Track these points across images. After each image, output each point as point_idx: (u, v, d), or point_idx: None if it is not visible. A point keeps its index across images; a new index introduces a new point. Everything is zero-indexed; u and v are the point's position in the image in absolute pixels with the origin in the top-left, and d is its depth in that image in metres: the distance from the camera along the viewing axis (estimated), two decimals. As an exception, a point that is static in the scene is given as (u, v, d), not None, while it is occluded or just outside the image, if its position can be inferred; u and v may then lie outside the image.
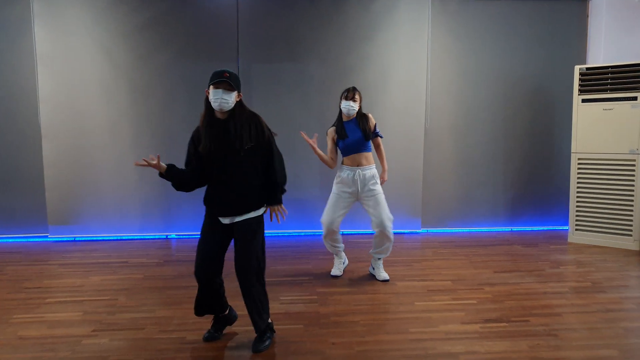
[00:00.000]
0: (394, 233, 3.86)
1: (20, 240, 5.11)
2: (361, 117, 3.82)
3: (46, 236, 5.12)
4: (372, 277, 3.96)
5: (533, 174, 5.59)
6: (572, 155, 5.05)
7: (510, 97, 5.48)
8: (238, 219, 2.65)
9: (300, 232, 5.41)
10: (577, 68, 4.94)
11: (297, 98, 5.23)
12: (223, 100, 2.51)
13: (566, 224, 5.58)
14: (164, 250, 4.80)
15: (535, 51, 5.43)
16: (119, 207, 5.17)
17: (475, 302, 3.43)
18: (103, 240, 5.15)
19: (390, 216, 3.83)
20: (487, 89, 5.44)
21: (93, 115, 5.04)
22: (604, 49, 5.23)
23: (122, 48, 5.01)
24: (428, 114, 5.38)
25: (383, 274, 3.90)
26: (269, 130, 2.69)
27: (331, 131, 3.89)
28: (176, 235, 5.30)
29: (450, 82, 5.41)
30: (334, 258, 4.14)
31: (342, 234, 4.12)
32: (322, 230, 3.91)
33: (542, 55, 5.43)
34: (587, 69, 4.89)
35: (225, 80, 2.51)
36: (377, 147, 3.95)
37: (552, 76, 5.47)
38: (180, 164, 2.75)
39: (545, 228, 5.68)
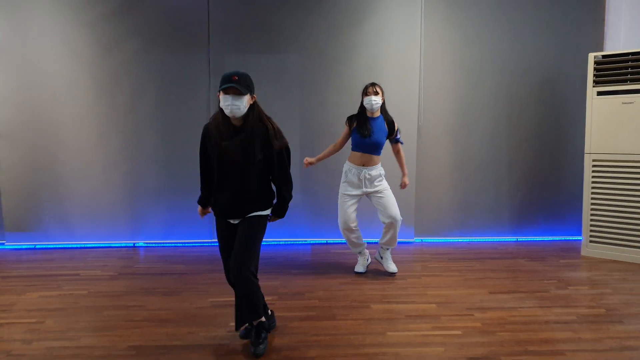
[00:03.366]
0: None
1: (-25, 247, 4.74)
2: (387, 118, 3.79)
3: (2, 243, 4.73)
4: (344, 298, 3.43)
5: (541, 177, 4.97)
6: (586, 156, 4.43)
7: (515, 91, 4.87)
8: (253, 214, 2.62)
9: (279, 241, 4.91)
10: (591, 56, 4.32)
11: (276, 92, 4.73)
12: (234, 106, 2.41)
13: (579, 234, 4.95)
14: (125, 260, 4.36)
15: (544, 38, 4.81)
16: (83, 212, 4.74)
17: (460, 332, 2.87)
18: (66, 248, 4.74)
19: (397, 214, 3.80)
20: (488, 82, 4.84)
21: (54, 113, 4.63)
22: (624, 33, 4.58)
23: (85, 40, 4.58)
24: (421, 110, 4.81)
25: (391, 266, 3.91)
26: (281, 139, 2.57)
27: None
28: (144, 243, 4.86)
29: (447, 74, 4.83)
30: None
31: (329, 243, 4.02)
32: (341, 232, 3.91)
33: (551, 42, 4.81)
34: (604, 56, 4.26)
35: (232, 86, 2.38)
36: (397, 153, 3.94)
37: (563, 66, 4.85)
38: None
39: (555, 238, 5.06)
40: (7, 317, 3.08)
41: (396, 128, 3.82)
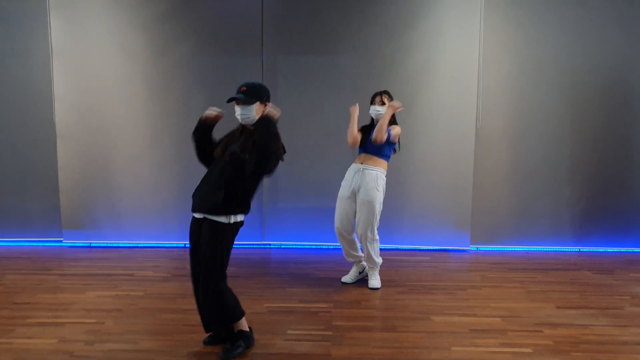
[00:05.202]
0: (439, 250, 4.14)
1: (34, 244, 4.87)
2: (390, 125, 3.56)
3: (60, 241, 4.85)
4: (403, 309, 3.30)
5: (607, 184, 4.68)
6: (660, 163, 4.14)
7: (580, 92, 4.61)
8: (208, 216, 2.53)
9: (328, 245, 4.82)
10: (669, 56, 4.02)
11: (327, 94, 4.64)
12: (243, 115, 2.54)
13: (649, 245, 4.64)
14: (176, 261, 4.37)
15: (613, 36, 4.52)
16: (136, 211, 4.80)
17: (530, 350, 2.70)
18: (119, 247, 4.81)
19: (372, 232, 3.60)
20: (551, 83, 4.60)
21: (109, 114, 4.71)
22: None
23: (139, 41, 4.64)
24: (480, 113, 4.62)
25: (372, 282, 3.68)
26: (276, 146, 2.53)
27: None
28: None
29: (507, 76, 4.62)
30: (365, 277, 3.85)
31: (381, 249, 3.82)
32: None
33: (621, 40, 4.52)
34: (683, 57, 3.96)
35: (237, 97, 2.53)
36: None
37: (634, 65, 4.54)
38: (198, 170, 2.78)
39: (621, 250, 4.75)
40: (68, 316, 3.11)
41: (396, 132, 3.55)
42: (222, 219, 2.50)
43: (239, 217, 2.56)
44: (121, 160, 4.76)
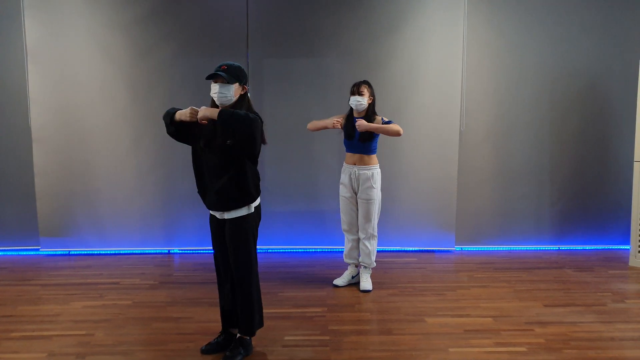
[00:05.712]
0: (424, 251, 4.13)
1: (9, 253, 4.67)
2: (370, 117, 3.60)
3: (37, 249, 4.67)
4: (396, 311, 3.33)
5: (585, 184, 4.84)
6: (636, 164, 4.29)
7: (559, 96, 4.73)
8: (227, 215, 2.54)
9: (315, 249, 4.82)
10: (643, 61, 4.19)
11: (314, 97, 4.63)
12: (221, 94, 2.45)
13: (623, 243, 4.82)
14: (162, 268, 4.28)
15: (591, 41, 4.66)
16: (118, 218, 4.67)
17: (524, 349, 2.76)
18: (100, 254, 4.66)
19: (372, 229, 3.66)
20: (531, 87, 4.71)
21: (89, 117, 4.56)
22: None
23: (120, 42, 4.51)
24: (463, 115, 4.70)
25: (364, 284, 3.68)
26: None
27: (339, 119, 3.70)
28: (179, 250, 4.77)
29: (489, 79, 4.71)
30: (357, 281, 3.84)
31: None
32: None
33: (599, 46, 4.66)
34: (656, 62, 4.13)
35: (218, 74, 2.45)
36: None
37: (611, 70, 4.70)
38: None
39: (598, 247, 4.90)
40: (54, 328, 3.01)
41: (384, 121, 3.58)
42: (244, 211, 2.52)
43: (256, 202, 2.58)
44: (101, 164, 4.62)
